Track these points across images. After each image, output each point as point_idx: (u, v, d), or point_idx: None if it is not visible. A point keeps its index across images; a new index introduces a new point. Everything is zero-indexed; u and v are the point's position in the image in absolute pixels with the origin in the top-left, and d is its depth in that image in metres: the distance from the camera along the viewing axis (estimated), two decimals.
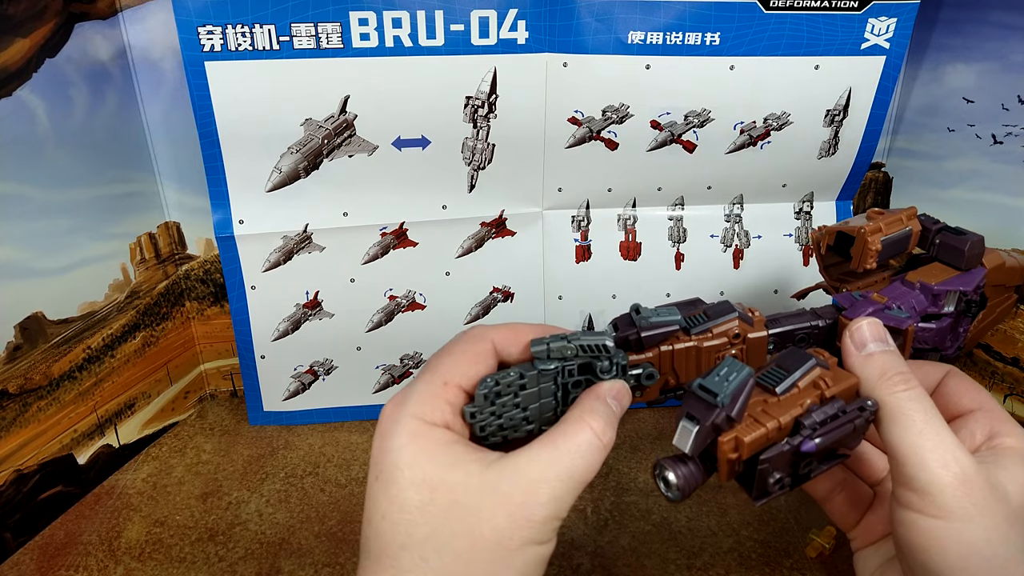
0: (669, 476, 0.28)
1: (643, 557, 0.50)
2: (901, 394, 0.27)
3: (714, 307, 0.32)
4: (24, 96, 0.48)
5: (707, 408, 0.27)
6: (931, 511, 0.25)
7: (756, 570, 0.49)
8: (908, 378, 0.27)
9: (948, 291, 0.36)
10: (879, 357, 0.28)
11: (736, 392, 0.27)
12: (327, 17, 0.49)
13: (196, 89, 0.50)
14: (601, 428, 0.26)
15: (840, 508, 0.34)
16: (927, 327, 0.35)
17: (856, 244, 0.37)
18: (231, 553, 0.51)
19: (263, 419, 0.65)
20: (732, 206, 0.62)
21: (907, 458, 0.26)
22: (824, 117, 0.57)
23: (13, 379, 0.50)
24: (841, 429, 0.27)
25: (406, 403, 0.27)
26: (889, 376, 0.27)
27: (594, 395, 0.28)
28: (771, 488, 0.27)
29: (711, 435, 0.27)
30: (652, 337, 0.30)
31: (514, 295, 0.63)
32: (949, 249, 0.37)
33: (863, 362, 0.28)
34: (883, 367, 0.28)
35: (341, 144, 0.53)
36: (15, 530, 0.52)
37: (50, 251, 0.52)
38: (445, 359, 0.28)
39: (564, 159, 0.57)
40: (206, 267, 0.64)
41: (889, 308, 0.34)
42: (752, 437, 0.27)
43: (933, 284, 0.36)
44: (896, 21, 0.53)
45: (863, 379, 0.28)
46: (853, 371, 0.29)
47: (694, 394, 0.27)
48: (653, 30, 0.52)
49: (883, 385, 0.27)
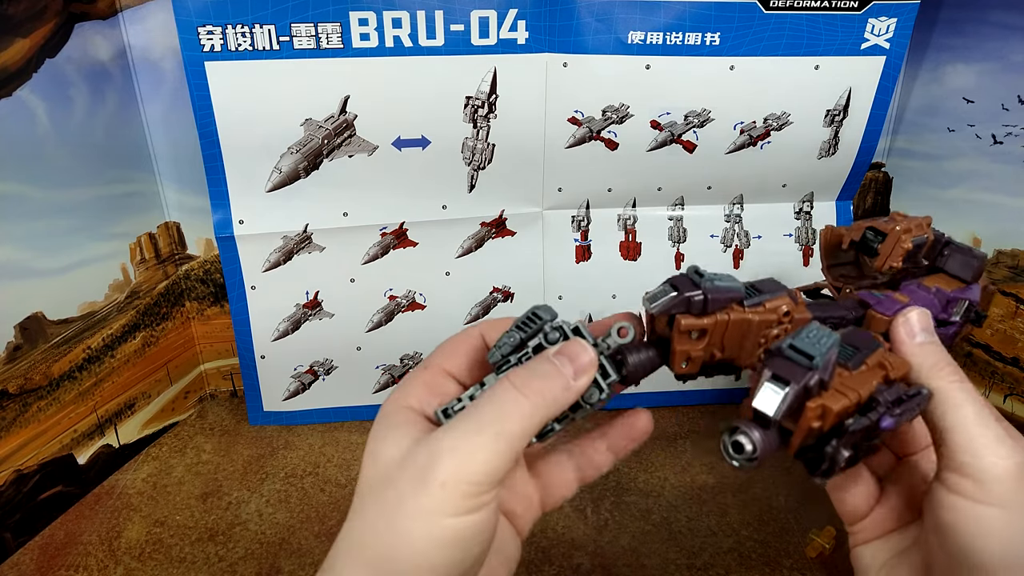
0: (747, 441, 0.26)
1: (643, 557, 0.50)
2: (956, 384, 0.27)
3: (762, 283, 0.30)
4: (24, 96, 0.48)
5: (799, 370, 0.25)
6: (984, 498, 0.25)
7: (756, 570, 0.49)
8: (958, 369, 0.28)
9: (960, 299, 0.36)
10: (931, 347, 0.29)
11: (830, 356, 0.26)
12: (327, 17, 0.49)
13: (196, 89, 0.50)
14: (522, 380, 0.25)
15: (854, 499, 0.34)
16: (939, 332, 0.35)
17: (888, 241, 0.38)
18: (231, 553, 0.51)
19: (263, 419, 0.65)
20: (732, 206, 0.62)
21: (962, 445, 0.26)
22: (824, 117, 0.57)
23: (13, 379, 0.50)
24: (910, 411, 0.27)
25: (396, 390, 0.29)
26: (942, 366, 0.28)
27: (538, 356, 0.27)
28: (838, 464, 0.26)
29: (801, 399, 0.25)
30: (718, 300, 0.28)
31: (514, 295, 0.63)
32: (960, 261, 0.38)
33: (916, 350, 0.29)
34: (936, 357, 0.28)
35: (341, 144, 0.53)
36: (15, 530, 0.52)
37: (50, 251, 0.52)
38: (436, 351, 0.30)
39: (564, 159, 0.57)
40: (206, 267, 0.64)
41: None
42: (840, 406, 0.26)
43: (948, 291, 0.36)
44: (896, 21, 0.53)
45: (916, 366, 0.29)
46: (905, 356, 0.29)
47: (783, 355, 0.26)
48: (653, 30, 0.52)
49: (937, 374, 0.28)
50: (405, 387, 0.28)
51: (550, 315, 0.29)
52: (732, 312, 0.29)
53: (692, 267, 0.29)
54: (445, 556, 0.24)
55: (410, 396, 0.28)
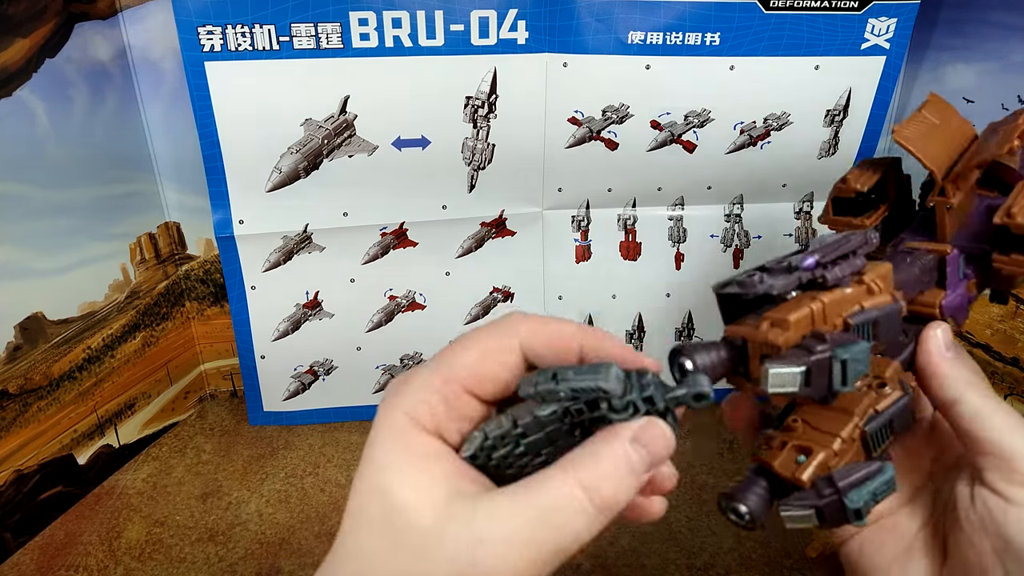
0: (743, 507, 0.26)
1: (643, 557, 0.50)
2: (990, 397, 0.29)
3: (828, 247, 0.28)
4: (24, 96, 0.48)
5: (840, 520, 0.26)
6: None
7: (756, 570, 0.49)
8: (985, 379, 0.30)
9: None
10: (963, 363, 0.30)
11: (871, 504, 0.26)
12: (327, 17, 0.49)
13: (196, 89, 0.50)
14: (593, 481, 0.21)
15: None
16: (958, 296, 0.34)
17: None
18: (231, 553, 0.51)
19: (263, 419, 0.65)
20: (732, 206, 0.62)
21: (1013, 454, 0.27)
22: (824, 117, 0.57)
23: (13, 379, 0.50)
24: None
25: (400, 393, 0.23)
26: (975, 382, 0.29)
27: (606, 438, 0.22)
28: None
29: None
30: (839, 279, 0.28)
31: (514, 295, 0.63)
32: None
33: (951, 366, 0.30)
34: (970, 372, 0.30)
35: (341, 144, 0.53)
36: (15, 530, 0.52)
37: (50, 251, 0.52)
38: (459, 350, 0.24)
39: (564, 159, 0.57)
40: (206, 267, 0.64)
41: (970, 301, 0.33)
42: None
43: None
44: (896, 21, 0.53)
45: (950, 379, 0.30)
46: (936, 371, 0.30)
47: (836, 496, 0.26)
48: (653, 30, 0.52)
49: (972, 388, 0.29)
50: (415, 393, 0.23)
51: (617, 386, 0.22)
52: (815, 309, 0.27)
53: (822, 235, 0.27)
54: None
55: (423, 413, 0.23)
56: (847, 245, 0.29)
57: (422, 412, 0.23)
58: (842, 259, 0.28)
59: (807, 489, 0.26)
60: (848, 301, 0.28)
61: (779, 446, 0.27)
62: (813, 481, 0.26)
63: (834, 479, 0.26)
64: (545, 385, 0.22)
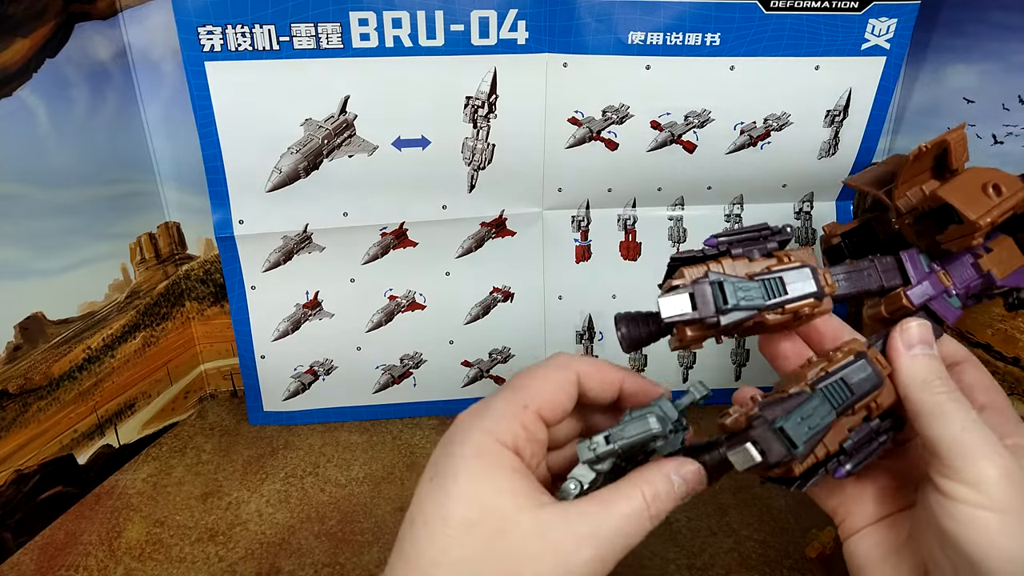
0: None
1: (643, 557, 0.50)
2: (943, 395, 0.28)
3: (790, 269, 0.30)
4: (24, 96, 0.48)
5: (780, 450, 0.27)
6: (984, 504, 0.26)
7: (756, 570, 0.49)
8: (948, 382, 0.29)
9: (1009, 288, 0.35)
10: (924, 361, 0.30)
11: (813, 442, 0.27)
12: (327, 17, 0.49)
13: (196, 89, 0.50)
14: (652, 496, 0.26)
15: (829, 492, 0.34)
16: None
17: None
18: (231, 553, 0.51)
19: (263, 419, 0.65)
20: (732, 206, 0.62)
21: (954, 452, 0.27)
22: (824, 117, 0.57)
23: (13, 379, 0.50)
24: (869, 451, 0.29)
25: (483, 416, 0.27)
26: (931, 380, 0.29)
27: (657, 466, 0.27)
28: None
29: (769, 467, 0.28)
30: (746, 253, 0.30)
31: (514, 295, 0.63)
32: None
33: (909, 362, 0.30)
34: (927, 371, 0.29)
35: (341, 144, 0.53)
36: (15, 530, 0.52)
37: (50, 251, 0.52)
38: (528, 381, 0.29)
39: (564, 159, 0.57)
40: (206, 267, 0.64)
41: (948, 295, 0.34)
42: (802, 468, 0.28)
43: (999, 279, 0.35)
44: (896, 22, 0.53)
45: (905, 375, 0.29)
46: (897, 367, 0.30)
47: (772, 432, 0.27)
48: (653, 30, 0.52)
49: (926, 387, 0.29)
50: (498, 417, 0.27)
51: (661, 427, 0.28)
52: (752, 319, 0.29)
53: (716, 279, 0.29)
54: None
55: (506, 433, 0.27)
56: (757, 230, 0.31)
57: (504, 432, 0.27)
58: (750, 241, 0.31)
59: (743, 430, 0.28)
60: (751, 266, 0.30)
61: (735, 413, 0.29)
62: (748, 419, 0.28)
63: (761, 409, 0.27)
64: (604, 448, 0.27)
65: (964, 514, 0.26)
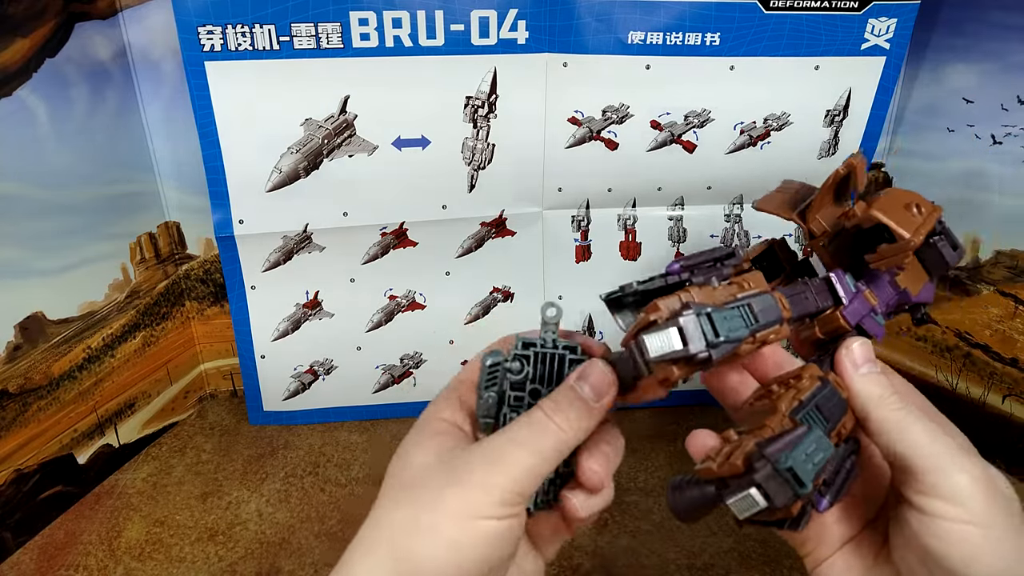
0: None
1: (643, 557, 0.50)
2: (900, 411, 0.29)
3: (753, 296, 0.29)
4: (24, 96, 0.48)
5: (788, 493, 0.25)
6: (964, 518, 0.26)
7: (756, 570, 0.49)
8: (902, 396, 0.29)
9: (917, 304, 0.36)
10: (875, 379, 0.30)
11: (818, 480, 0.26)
12: (327, 17, 0.49)
13: (196, 89, 0.50)
14: (552, 408, 0.28)
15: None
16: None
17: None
18: (231, 553, 0.51)
19: (263, 419, 0.65)
20: (732, 206, 0.62)
21: (927, 467, 0.27)
22: (824, 117, 0.57)
23: (13, 379, 0.50)
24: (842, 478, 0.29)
25: (434, 402, 0.31)
26: (885, 397, 0.29)
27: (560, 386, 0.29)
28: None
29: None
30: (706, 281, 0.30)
31: (514, 295, 0.63)
32: (938, 258, 0.36)
33: (861, 382, 0.30)
34: (881, 389, 0.30)
35: (341, 144, 0.53)
36: (15, 530, 0.52)
37: (50, 251, 0.52)
38: (468, 366, 0.33)
39: (564, 159, 0.57)
40: (206, 267, 0.64)
41: (875, 312, 0.34)
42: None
43: (912, 295, 0.36)
44: (896, 22, 0.53)
45: (863, 395, 0.30)
46: (852, 388, 0.30)
47: (778, 474, 0.25)
48: (653, 30, 0.52)
49: (882, 404, 0.29)
50: (440, 402, 0.31)
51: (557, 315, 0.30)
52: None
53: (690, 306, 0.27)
54: (473, 555, 0.25)
55: (444, 410, 0.30)
56: (712, 255, 0.31)
57: (443, 411, 0.30)
58: (708, 267, 0.31)
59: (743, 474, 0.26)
60: (717, 294, 0.29)
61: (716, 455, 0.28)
62: (746, 460, 0.26)
63: (761, 448, 0.26)
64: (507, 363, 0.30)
65: (946, 530, 0.26)
